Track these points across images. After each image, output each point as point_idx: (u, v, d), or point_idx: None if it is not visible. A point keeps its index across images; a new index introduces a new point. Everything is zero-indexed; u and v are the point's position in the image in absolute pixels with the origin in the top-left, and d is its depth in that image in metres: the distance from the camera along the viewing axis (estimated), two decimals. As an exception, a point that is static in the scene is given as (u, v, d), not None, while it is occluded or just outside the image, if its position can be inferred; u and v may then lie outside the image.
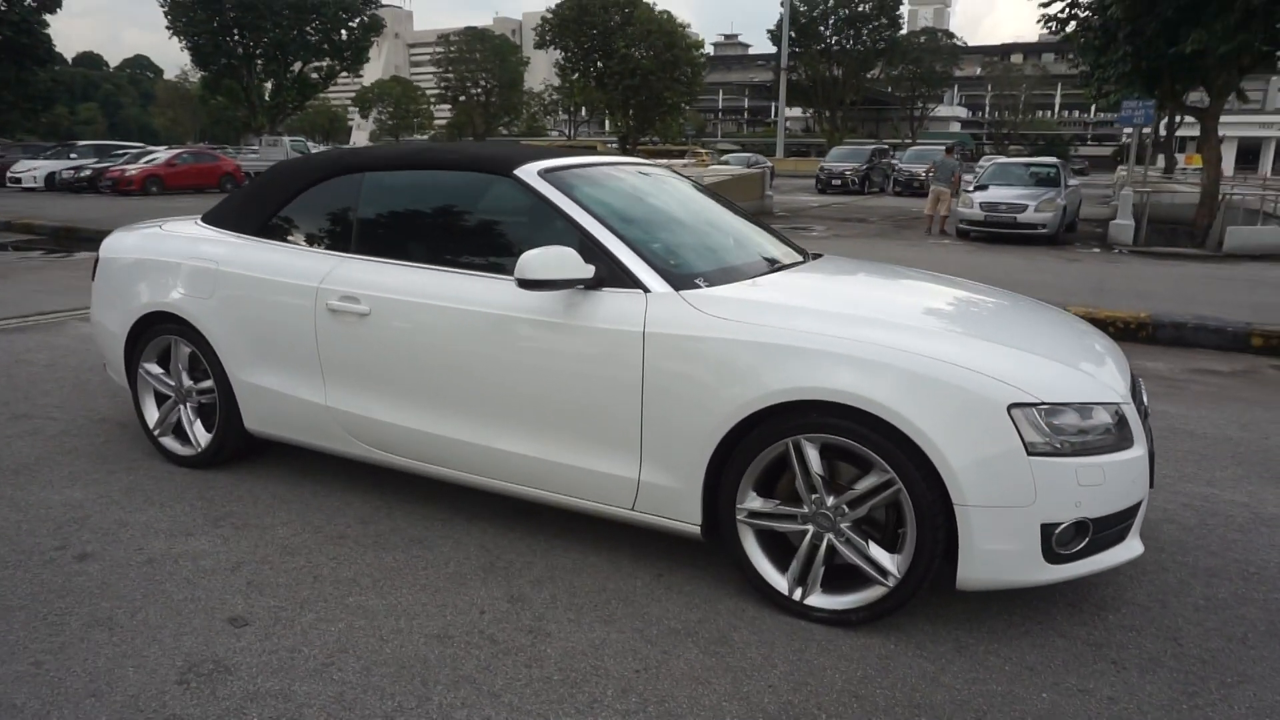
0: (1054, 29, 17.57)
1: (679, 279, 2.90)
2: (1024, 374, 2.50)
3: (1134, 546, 2.68)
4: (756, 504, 2.73)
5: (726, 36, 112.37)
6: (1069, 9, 16.84)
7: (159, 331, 3.86)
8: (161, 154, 26.35)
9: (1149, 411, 2.86)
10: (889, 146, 38.69)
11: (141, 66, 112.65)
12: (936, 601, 2.82)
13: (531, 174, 3.16)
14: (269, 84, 41.21)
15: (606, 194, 3.31)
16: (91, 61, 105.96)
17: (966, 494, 2.42)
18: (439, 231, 3.36)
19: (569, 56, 45.22)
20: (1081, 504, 2.46)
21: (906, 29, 62.80)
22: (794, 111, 71.31)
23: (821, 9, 55.44)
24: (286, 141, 32.09)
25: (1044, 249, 13.67)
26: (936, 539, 2.49)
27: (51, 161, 26.58)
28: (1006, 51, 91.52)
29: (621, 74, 43.05)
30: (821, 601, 2.69)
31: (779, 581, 2.75)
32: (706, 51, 48.67)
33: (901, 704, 2.31)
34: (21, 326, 6.86)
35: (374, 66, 70.71)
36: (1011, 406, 2.42)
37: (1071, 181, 16.54)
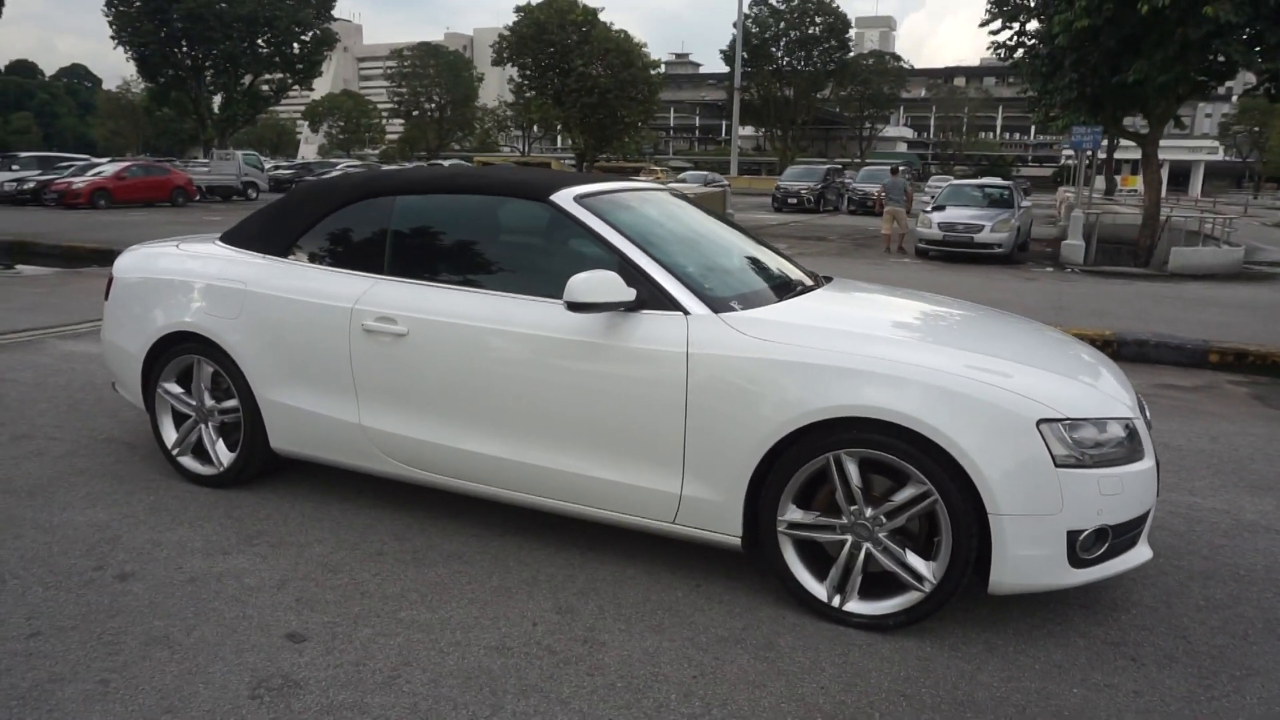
0: (1003, 55, 18.24)
1: (716, 302, 3.04)
2: (1048, 391, 2.70)
3: (1144, 551, 2.89)
4: (796, 515, 2.88)
5: (677, 55, 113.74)
6: (1017, 37, 17.52)
7: (180, 351, 3.87)
8: (109, 166, 25.74)
9: (1151, 424, 3.08)
10: (842, 166, 39.57)
11: (79, 76, 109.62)
12: (961, 606, 2.99)
13: (568, 199, 3.28)
14: (218, 96, 40.50)
15: (637, 218, 3.44)
16: (25, 70, 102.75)
17: (1000, 504, 2.60)
18: (475, 254, 3.46)
19: (527, 74, 45.35)
20: (1103, 512, 2.66)
21: (855, 51, 64.27)
22: (746, 130, 72.42)
23: (773, 30, 56.61)
24: (239, 155, 31.51)
25: (1000, 268, 14.17)
26: (970, 546, 2.66)
27: (-8, 173, 25.78)
28: (950, 74, 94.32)
29: (579, 92, 43.29)
30: (860, 607, 2.84)
31: (818, 589, 2.89)
32: (662, 70, 49.17)
33: (947, 701, 2.47)
34: (-2, 345, 6.72)
35: (323, 80, 69.68)
36: (1040, 421, 2.61)
37: (1023, 203, 17.17)
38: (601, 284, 2.91)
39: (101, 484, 3.92)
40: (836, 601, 2.86)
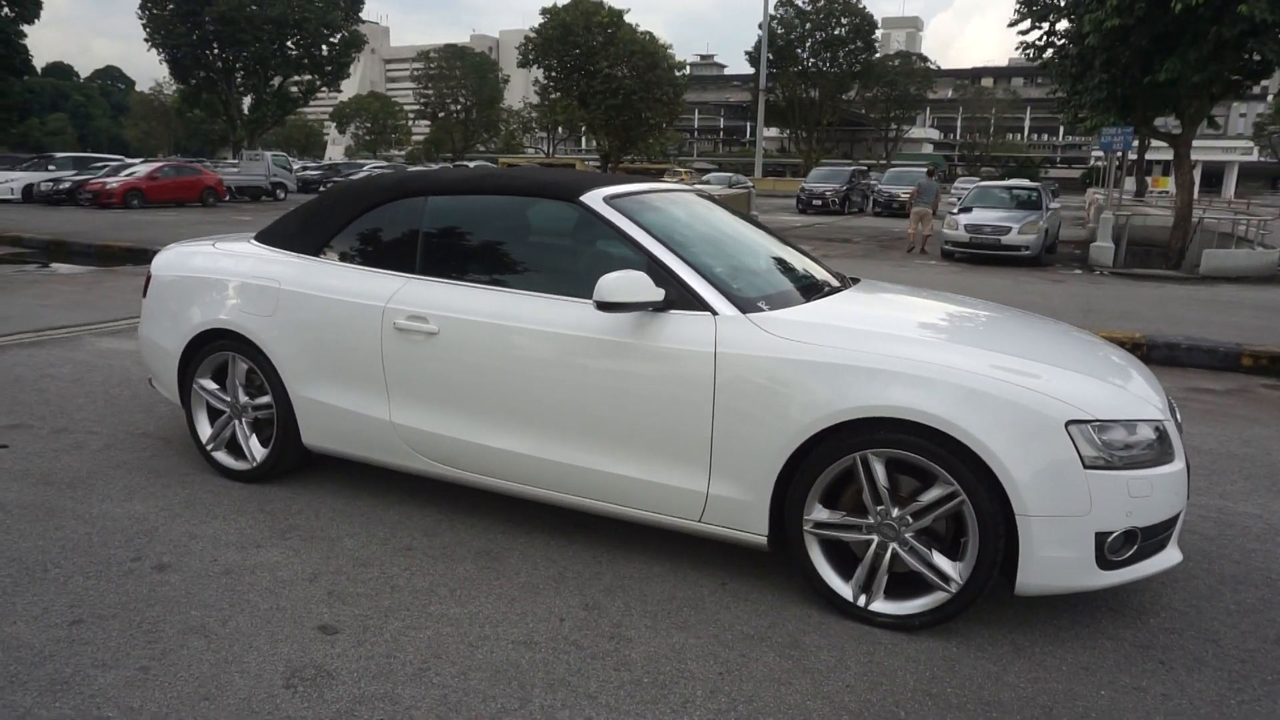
0: (1032, 56, 18.08)
1: (744, 302, 3.06)
2: (1077, 392, 2.69)
3: (1174, 555, 2.87)
4: (823, 515, 2.89)
5: (702, 57, 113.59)
6: (1046, 37, 17.36)
7: (215, 348, 3.95)
8: (142, 167, 26.15)
9: (1182, 427, 3.06)
10: (867, 167, 39.35)
11: (112, 78, 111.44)
12: (988, 607, 2.99)
13: (597, 200, 3.31)
14: (248, 98, 41.06)
15: (665, 219, 3.47)
16: (61, 72, 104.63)
17: (1028, 505, 2.60)
18: (505, 254, 3.50)
19: (552, 76, 45.54)
20: (1132, 514, 2.65)
21: (881, 52, 63.89)
22: (770, 131, 72.17)
23: (799, 32, 56.37)
24: (268, 156, 31.92)
25: (1028, 270, 14.05)
26: (998, 547, 2.66)
27: (29, 173, 26.31)
28: (977, 75, 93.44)
29: (604, 93, 43.41)
30: (886, 607, 2.85)
31: (843, 589, 2.90)
32: (687, 72, 49.17)
33: (973, 701, 2.47)
34: (38, 341, 6.87)
35: (351, 82, 70.52)
36: (1069, 423, 2.61)
37: (1051, 204, 17.01)
38: (630, 284, 2.94)
39: (139, 477, 4.01)
40: (862, 601, 2.87)
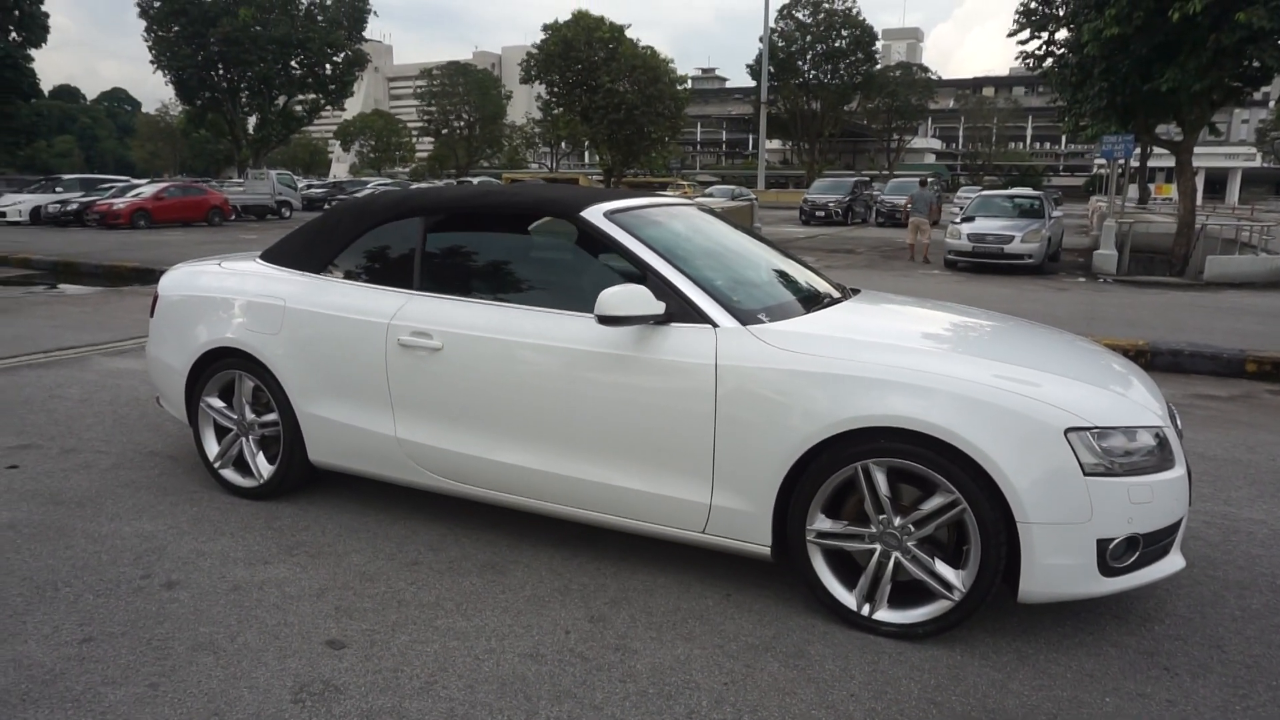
0: (1031, 65, 18.15)
1: (744, 314, 3.09)
2: (1076, 399, 2.71)
3: (1177, 560, 2.88)
4: (825, 525, 2.91)
5: (704, 70, 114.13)
6: (1046, 46, 17.43)
7: (222, 366, 3.99)
8: (148, 187, 26.35)
9: (1182, 433, 3.07)
10: (869, 178, 39.44)
11: (119, 100, 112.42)
12: (991, 615, 3.00)
13: (598, 215, 3.35)
14: (253, 117, 41.36)
15: (665, 233, 3.50)
16: (68, 94, 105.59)
17: (1029, 512, 2.61)
18: (507, 270, 3.54)
19: (554, 91, 45.81)
20: (1133, 520, 2.66)
21: (882, 63, 64.12)
22: (772, 144, 72.43)
23: (800, 44, 56.64)
24: (273, 175, 32.15)
25: (1031, 279, 14.06)
26: (1000, 555, 2.67)
27: (37, 195, 26.53)
28: (978, 85, 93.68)
29: (606, 108, 43.66)
30: (890, 616, 2.86)
31: (847, 598, 2.91)
32: (688, 86, 49.43)
33: (977, 710, 2.48)
34: (46, 361, 6.93)
35: (355, 100, 70.98)
36: (1068, 430, 2.62)
37: (1054, 213, 17.03)
38: (631, 298, 2.97)
39: (147, 496, 4.04)
40: (866, 610, 2.88)
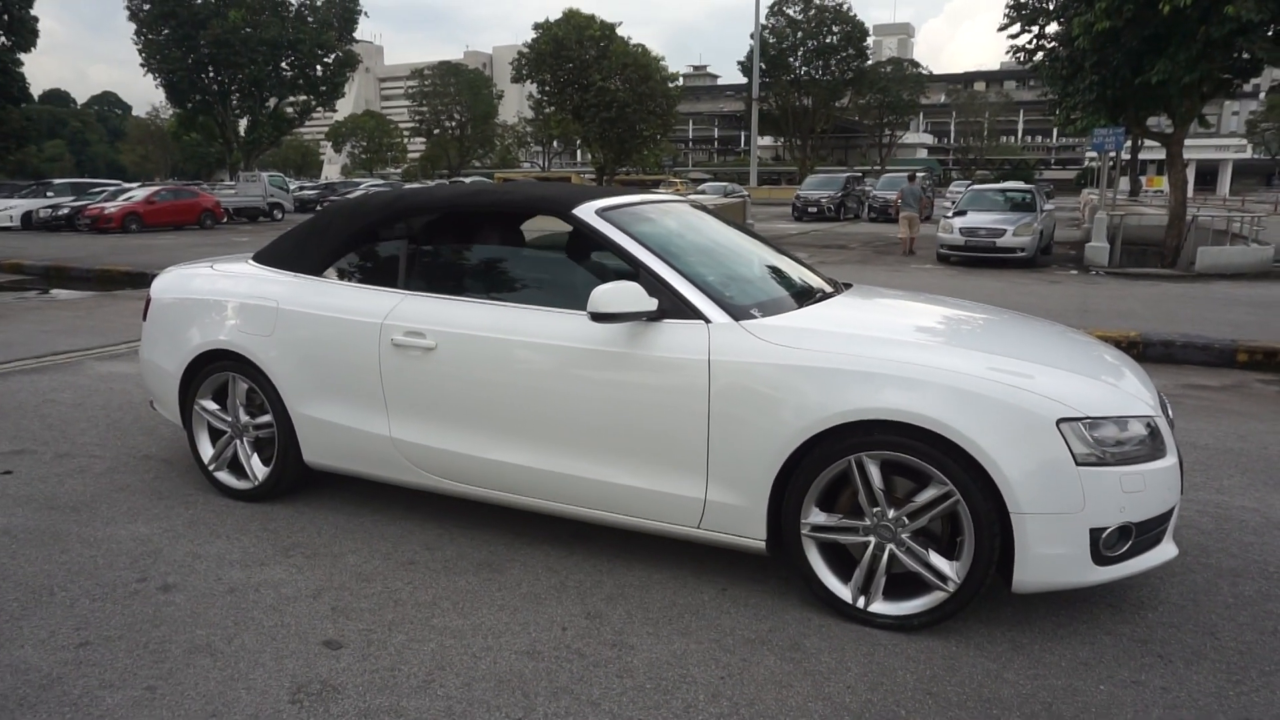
0: (1022, 59, 18.19)
1: (737, 310, 3.10)
2: (1068, 390, 2.72)
3: (1169, 549, 2.90)
4: (820, 518, 2.92)
5: (695, 68, 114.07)
6: (1037, 40, 17.47)
7: (215, 369, 3.98)
8: (139, 191, 26.25)
9: (1174, 423, 3.09)
10: (861, 174, 39.50)
11: (109, 103, 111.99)
12: (986, 605, 3.01)
13: (589, 213, 3.35)
14: (244, 120, 41.22)
15: (657, 230, 3.50)
16: (58, 99, 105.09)
17: (1022, 503, 2.62)
18: (500, 269, 3.54)
19: (546, 90, 45.77)
20: (1125, 509, 2.67)
21: (873, 59, 64.17)
22: (765, 140, 72.37)
23: (791, 41, 56.67)
24: (265, 177, 32.04)
25: (1023, 272, 14.09)
26: (993, 546, 2.69)
27: (28, 200, 26.41)
28: (969, 79, 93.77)
29: (598, 106, 43.65)
30: (885, 608, 2.87)
31: (842, 591, 2.93)
32: (680, 83, 49.42)
33: (973, 699, 2.49)
34: (39, 367, 6.91)
35: (346, 101, 70.75)
36: (1059, 421, 2.64)
37: (1046, 206, 17.08)
38: (624, 295, 2.98)
39: (142, 499, 4.04)
40: (861, 602, 2.89)
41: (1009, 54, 17.71)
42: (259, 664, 2.68)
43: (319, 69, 40.47)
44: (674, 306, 3.09)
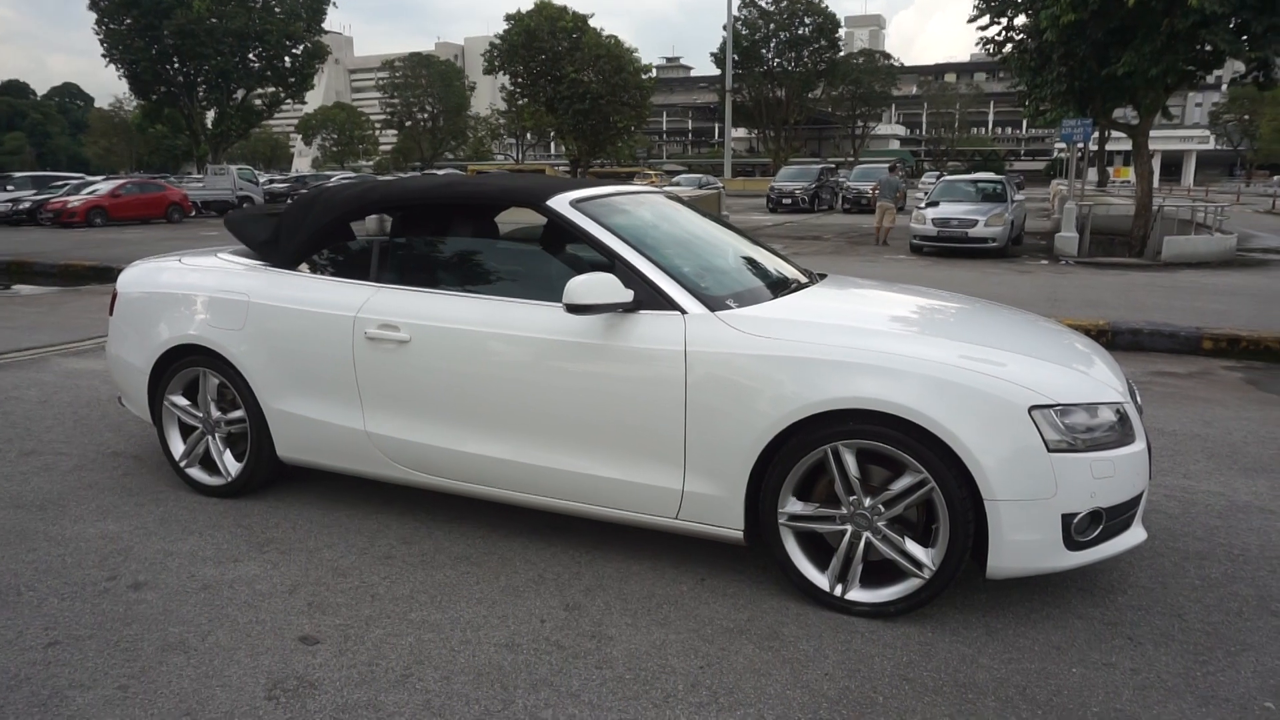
0: (992, 51, 18.35)
1: (712, 300, 3.10)
2: (1038, 378, 2.76)
3: (1139, 533, 2.95)
4: (797, 508, 2.94)
5: (668, 59, 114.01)
6: (1005, 32, 17.62)
7: (186, 364, 3.92)
8: (104, 184, 25.76)
9: (1142, 409, 3.14)
10: (835, 165, 39.68)
11: (71, 95, 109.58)
12: (961, 591, 3.05)
13: (564, 204, 3.34)
14: (211, 112, 40.58)
15: (632, 221, 3.50)
16: (17, 90, 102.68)
17: (995, 490, 2.66)
18: (474, 261, 3.52)
19: (518, 82, 45.46)
20: (1096, 495, 2.71)
21: (845, 51, 64.40)
22: (738, 132, 72.55)
23: (763, 32, 56.69)
24: (233, 170, 31.58)
25: (995, 262, 14.25)
26: (968, 532, 2.72)
27: (-13, 194, 25.82)
28: (940, 71, 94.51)
29: (571, 98, 43.43)
30: (862, 596, 2.90)
31: (819, 579, 2.95)
32: (653, 75, 49.29)
33: (948, 684, 2.53)
34: (2, 364, 6.77)
35: (316, 93, 69.85)
36: (1032, 408, 2.67)
37: (1016, 197, 17.27)
38: (599, 286, 2.97)
39: (111, 497, 3.98)
40: (838, 590, 2.92)
41: (979, 45, 17.85)
42: (234, 661, 2.65)
43: (287, 60, 39.93)
44: (649, 298, 3.08)
